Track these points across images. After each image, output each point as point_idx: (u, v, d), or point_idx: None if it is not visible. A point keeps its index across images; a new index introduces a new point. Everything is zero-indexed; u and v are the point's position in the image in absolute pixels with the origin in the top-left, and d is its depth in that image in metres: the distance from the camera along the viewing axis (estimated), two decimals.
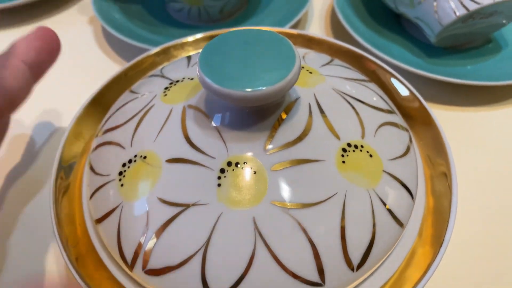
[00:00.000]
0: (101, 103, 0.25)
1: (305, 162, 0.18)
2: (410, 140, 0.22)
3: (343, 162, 0.19)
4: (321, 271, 0.17)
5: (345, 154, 0.19)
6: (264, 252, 0.17)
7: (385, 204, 0.18)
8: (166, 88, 0.22)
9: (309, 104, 0.20)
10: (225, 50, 0.18)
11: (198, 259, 0.17)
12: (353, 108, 0.21)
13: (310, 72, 0.22)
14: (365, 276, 0.18)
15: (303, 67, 0.22)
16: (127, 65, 0.27)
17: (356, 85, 0.23)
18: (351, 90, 0.22)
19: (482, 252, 0.26)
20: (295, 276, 0.17)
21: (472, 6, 0.31)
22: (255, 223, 0.17)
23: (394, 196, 0.19)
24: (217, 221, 0.17)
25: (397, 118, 0.22)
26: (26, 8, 0.43)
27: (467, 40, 0.37)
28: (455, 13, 0.32)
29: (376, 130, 0.20)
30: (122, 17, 0.39)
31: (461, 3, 0.31)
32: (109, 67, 0.37)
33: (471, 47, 0.38)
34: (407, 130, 0.22)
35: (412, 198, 0.20)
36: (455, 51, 0.37)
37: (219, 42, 0.18)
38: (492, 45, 0.38)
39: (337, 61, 0.25)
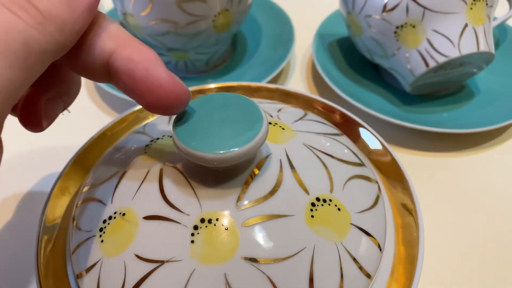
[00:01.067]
0: (87, 158, 0.27)
1: (275, 217, 0.19)
2: (380, 191, 0.23)
3: (312, 216, 0.20)
4: None
5: (313, 208, 0.20)
6: None
7: (352, 257, 0.19)
8: (146, 145, 0.23)
9: (280, 160, 0.21)
10: (197, 114, 0.19)
11: None
12: (323, 162, 0.22)
13: (283, 128, 0.23)
14: None
15: (276, 124, 0.24)
16: (111, 122, 0.28)
17: (327, 139, 0.24)
18: (321, 144, 0.23)
19: None
20: None
21: (441, 59, 0.33)
22: (226, 279, 0.18)
23: (362, 248, 0.20)
24: (190, 277, 0.18)
25: (367, 170, 0.24)
26: None
27: (441, 88, 0.39)
28: (426, 64, 0.34)
29: (345, 183, 0.22)
30: None
31: (431, 55, 0.33)
32: (99, 118, 0.39)
33: (446, 94, 0.40)
34: (376, 182, 0.23)
35: (380, 249, 0.21)
36: (431, 98, 0.39)
37: (193, 107, 0.20)
38: (466, 91, 0.40)
39: (310, 115, 0.26)
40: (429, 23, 0.33)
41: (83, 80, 0.43)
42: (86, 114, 0.39)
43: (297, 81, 0.42)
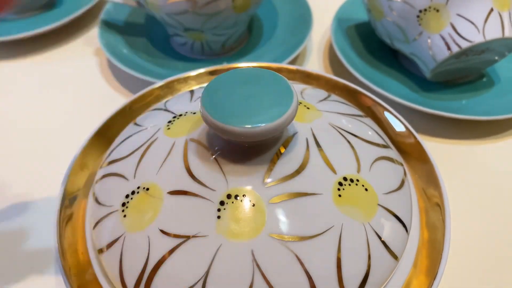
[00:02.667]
0: (105, 135, 0.26)
1: (303, 195, 0.19)
2: (405, 174, 0.22)
3: (339, 195, 0.19)
4: None
5: (341, 188, 0.19)
6: (261, 283, 0.17)
7: (380, 237, 0.19)
8: (169, 121, 0.23)
9: (307, 139, 0.21)
10: (227, 88, 0.19)
11: None
12: (349, 142, 0.21)
13: (308, 108, 0.23)
14: None
15: (300, 103, 0.23)
16: (131, 98, 0.28)
17: (352, 120, 0.23)
18: (347, 125, 0.23)
19: (476, 282, 0.26)
20: None
21: (464, 44, 0.32)
22: (253, 255, 0.17)
23: (389, 229, 0.20)
24: (216, 253, 0.18)
25: (392, 152, 0.23)
26: (32, 39, 0.44)
27: (461, 75, 0.38)
28: (448, 50, 0.33)
29: (371, 164, 0.21)
30: (127, 50, 0.41)
31: (454, 40, 0.33)
32: (113, 98, 0.38)
33: (465, 82, 0.39)
34: (401, 164, 0.23)
35: (407, 231, 0.20)
36: (450, 85, 0.39)
37: (221, 81, 0.19)
38: (486, 80, 0.39)
39: (333, 96, 0.26)
40: (453, 7, 0.33)
41: (98, 61, 0.42)
42: (101, 95, 0.39)
43: (314, 66, 0.42)
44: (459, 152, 0.34)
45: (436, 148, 0.34)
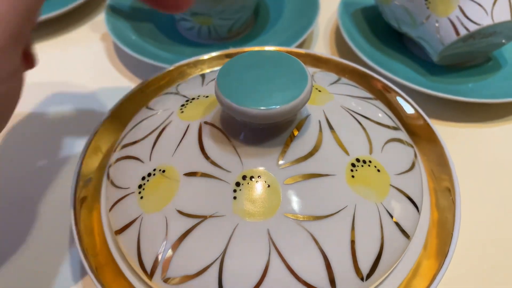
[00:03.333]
0: (118, 118, 0.27)
1: (316, 176, 0.19)
2: (415, 156, 0.23)
3: (353, 176, 0.20)
4: (332, 281, 0.18)
5: (354, 169, 0.20)
6: (278, 262, 0.18)
7: (392, 217, 0.19)
8: (182, 105, 0.23)
9: (319, 121, 0.21)
10: (241, 70, 0.19)
11: (215, 268, 0.18)
12: (361, 124, 0.22)
13: (319, 91, 0.23)
14: (374, 285, 0.19)
15: (313, 86, 0.23)
16: (143, 82, 0.28)
17: (363, 103, 0.24)
18: (358, 108, 0.23)
19: (485, 263, 0.27)
20: (307, 285, 0.17)
21: (473, 27, 0.32)
22: (269, 234, 0.18)
23: (401, 209, 0.20)
24: (233, 232, 0.18)
25: (403, 134, 0.23)
26: (38, 26, 0.44)
27: (468, 59, 0.39)
28: (456, 33, 0.33)
29: (383, 146, 0.21)
30: (134, 35, 0.40)
31: (462, 23, 0.33)
32: (121, 83, 0.38)
33: (472, 65, 0.39)
34: (412, 146, 0.23)
35: (418, 211, 0.21)
36: (457, 69, 0.39)
37: (235, 63, 0.19)
38: (492, 63, 0.39)
39: (344, 79, 0.26)
40: None
41: (105, 46, 0.42)
42: (108, 80, 0.39)
43: (321, 50, 0.42)
44: (466, 134, 0.34)
45: (444, 131, 0.34)
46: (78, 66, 0.40)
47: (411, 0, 0.35)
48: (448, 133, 0.34)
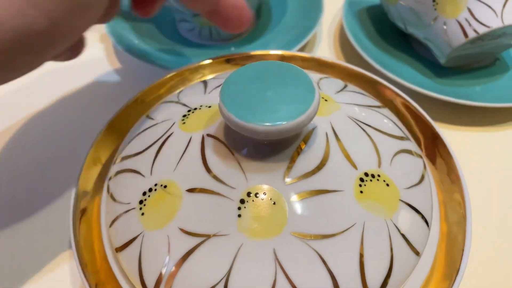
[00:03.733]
0: (117, 128, 0.26)
1: (324, 192, 0.18)
2: (424, 167, 0.22)
3: (361, 192, 0.19)
4: None
5: (362, 183, 0.19)
6: (284, 283, 0.17)
7: (401, 233, 0.19)
8: (184, 115, 0.22)
9: (326, 133, 0.20)
10: (246, 82, 0.18)
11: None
12: (369, 136, 0.21)
13: (326, 100, 0.22)
14: None
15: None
16: (142, 89, 0.27)
17: (370, 112, 0.23)
18: (366, 117, 0.22)
19: (497, 278, 0.26)
20: None
21: (482, 29, 0.31)
22: (275, 254, 0.17)
23: (411, 224, 0.19)
24: (238, 251, 0.17)
25: (411, 145, 0.23)
26: None
27: (475, 60, 0.38)
28: (465, 35, 0.32)
29: (392, 158, 0.21)
30: (133, 36, 0.40)
31: (471, 25, 0.32)
32: (121, 86, 0.38)
33: (479, 67, 0.38)
34: (421, 157, 0.23)
35: (428, 226, 0.20)
36: (464, 71, 0.38)
37: (239, 74, 0.19)
38: (500, 64, 0.38)
39: (350, 86, 0.25)
40: None
41: (104, 48, 0.41)
42: (108, 83, 0.38)
43: (325, 51, 0.41)
44: (474, 139, 0.34)
45: (451, 135, 0.34)
46: (76, 69, 0.39)
47: (418, 1, 0.34)
48: (456, 137, 0.34)
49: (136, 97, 0.27)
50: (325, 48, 0.41)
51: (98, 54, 0.41)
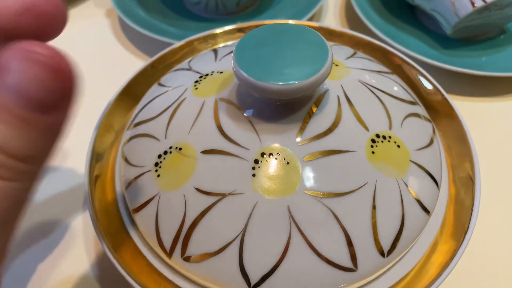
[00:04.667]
0: (129, 95, 0.26)
1: (336, 152, 0.19)
2: (434, 131, 0.22)
3: (373, 152, 0.19)
4: (353, 257, 0.18)
5: (374, 144, 0.19)
6: (299, 239, 0.17)
7: (413, 193, 0.19)
8: (196, 81, 0.22)
9: (338, 96, 0.20)
10: (259, 44, 0.18)
11: (235, 246, 0.18)
12: (379, 99, 0.21)
13: (336, 65, 0.22)
14: (395, 261, 0.19)
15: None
16: (153, 58, 0.27)
17: (380, 77, 0.23)
18: (376, 82, 0.22)
19: (504, 241, 0.27)
20: (329, 262, 0.17)
21: None
22: (289, 211, 0.18)
23: (421, 185, 0.20)
24: (253, 209, 0.18)
25: (420, 109, 0.23)
26: None
27: (481, 31, 0.38)
28: (472, 4, 0.32)
29: (402, 121, 0.21)
30: (139, 10, 0.40)
31: None
32: (127, 59, 0.38)
33: (485, 38, 0.38)
34: (430, 121, 0.23)
35: (438, 186, 0.20)
36: (470, 42, 0.38)
37: (252, 37, 0.19)
38: (506, 36, 0.38)
39: (360, 53, 0.26)
40: None
41: (111, 22, 0.41)
42: (115, 57, 0.38)
43: (331, 23, 0.41)
44: (481, 109, 0.34)
45: (459, 106, 0.34)
46: (82, 43, 0.40)
47: None
48: (462, 107, 0.34)
49: (146, 66, 0.27)
50: (331, 19, 0.41)
51: (105, 29, 0.41)
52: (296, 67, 0.17)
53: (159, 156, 0.20)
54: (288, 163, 0.18)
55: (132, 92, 0.26)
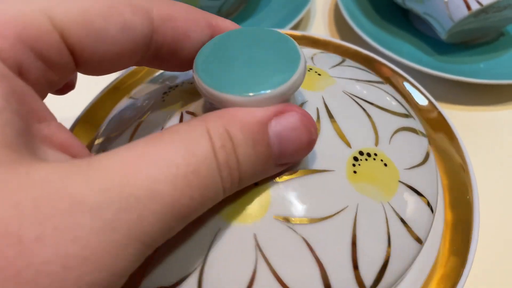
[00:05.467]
0: (96, 115, 0.24)
1: (313, 172, 0.16)
2: (429, 146, 0.20)
3: (355, 172, 0.17)
4: None
5: (356, 163, 0.17)
6: (266, 272, 0.15)
7: (401, 219, 0.17)
8: (164, 93, 0.20)
9: (317, 109, 0.18)
10: (225, 51, 0.16)
11: (194, 279, 0.15)
12: (366, 112, 0.19)
13: (319, 74, 0.20)
14: None
15: (311, 69, 0.21)
16: (120, 76, 0.26)
17: (370, 87, 0.21)
18: (364, 93, 0.20)
19: (506, 263, 0.24)
20: None
21: (486, 1, 0.29)
22: (256, 240, 0.15)
23: (412, 209, 0.17)
24: (214, 237, 0.16)
25: (415, 123, 0.21)
26: None
27: (478, 35, 0.35)
28: (468, 8, 0.30)
29: (392, 136, 0.19)
30: None
31: None
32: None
33: (482, 42, 0.36)
34: (425, 136, 0.20)
35: (432, 211, 0.18)
36: (466, 47, 0.36)
37: (218, 42, 0.17)
38: (505, 39, 0.36)
39: (348, 61, 0.23)
40: None
41: None
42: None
43: (319, 29, 0.39)
44: (479, 119, 0.31)
45: (454, 116, 0.31)
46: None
47: None
48: (459, 118, 0.31)
49: (115, 83, 0.25)
50: (319, 28, 0.39)
51: None
52: (264, 76, 0.15)
53: None
54: (256, 184, 0.16)
55: (100, 112, 0.24)
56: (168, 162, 0.12)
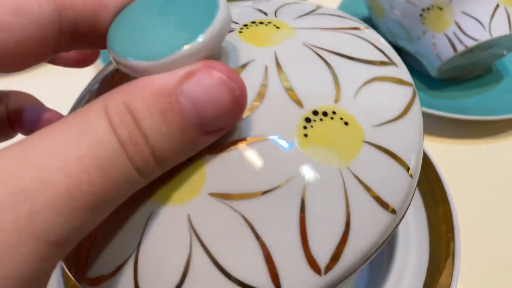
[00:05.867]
0: None
1: (254, 140, 0.14)
2: (414, 96, 0.17)
3: (305, 135, 0.14)
4: (275, 277, 0.13)
5: (308, 125, 0.15)
6: (202, 256, 0.14)
7: (364, 184, 0.14)
8: (117, 70, 0.19)
9: (266, 67, 0.16)
10: (139, 15, 0.15)
11: (130, 267, 0.14)
12: (328, 64, 0.16)
13: (277, 27, 0.18)
14: (338, 280, 0.14)
15: (269, 23, 0.18)
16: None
17: (341, 35, 0.18)
18: (330, 42, 0.17)
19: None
20: (242, 284, 0.13)
21: (470, 43, 0.30)
22: (189, 221, 0.14)
23: (379, 172, 0.15)
24: (147, 222, 0.14)
25: (397, 70, 0.17)
26: None
27: (468, 70, 0.36)
28: (454, 49, 0.30)
29: (359, 89, 0.16)
30: None
31: (459, 39, 0.30)
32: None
33: (472, 77, 0.36)
34: (411, 85, 0.17)
35: (408, 170, 0.15)
36: (457, 82, 0.36)
37: (133, 7, 0.15)
38: (494, 74, 0.36)
39: (324, 8, 0.20)
40: (458, 5, 0.30)
41: None
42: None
43: None
44: (470, 152, 0.32)
45: (446, 150, 0.32)
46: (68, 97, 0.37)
47: (405, 15, 0.33)
48: (449, 151, 0.32)
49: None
50: None
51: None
52: (178, 38, 0.13)
53: None
54: (190, 159, 0.14)
55: None
56: (59, 148, 0.11)
